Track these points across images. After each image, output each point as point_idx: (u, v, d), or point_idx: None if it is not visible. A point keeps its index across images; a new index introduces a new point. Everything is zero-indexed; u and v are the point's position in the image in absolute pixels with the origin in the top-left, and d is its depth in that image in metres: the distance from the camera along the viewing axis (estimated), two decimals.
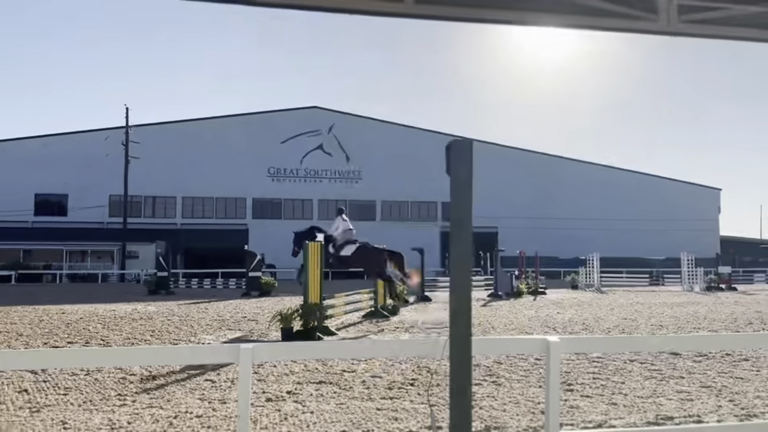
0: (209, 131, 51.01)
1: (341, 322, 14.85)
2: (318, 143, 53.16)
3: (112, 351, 6.45)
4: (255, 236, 49.18)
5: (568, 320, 15.76)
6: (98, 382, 7.58)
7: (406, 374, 8.04)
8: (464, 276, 4.21)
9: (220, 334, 12.73)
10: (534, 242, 44.85)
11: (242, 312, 17.91)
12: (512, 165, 53.76)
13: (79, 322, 14.87)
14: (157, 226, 49.10)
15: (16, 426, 5.76)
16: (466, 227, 4.23)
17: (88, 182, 47.81)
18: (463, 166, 4.21)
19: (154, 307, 19.57)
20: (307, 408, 6.34)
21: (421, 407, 6.37)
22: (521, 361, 8.98)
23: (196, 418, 5.94)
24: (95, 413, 6.13)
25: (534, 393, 7.03)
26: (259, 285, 27.05)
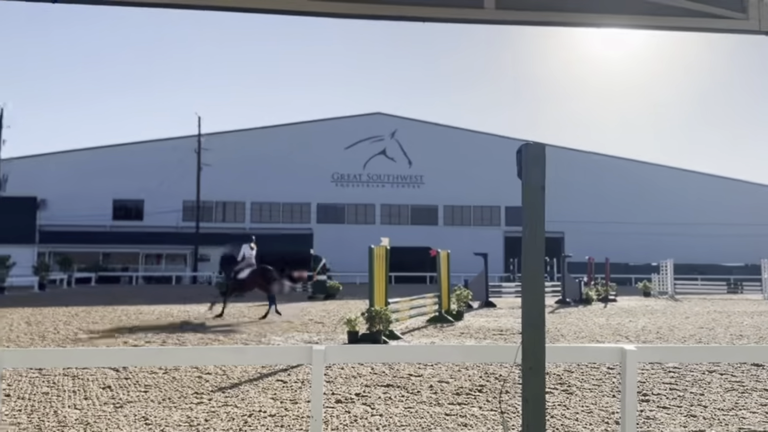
0: (276, 138, 52.32)
1: (406, 327, 14.89)
2: (381, 149, 53.58)
3: (189, 351, 6.73)
4: (319, 240, 50.01)
5: (641, 329, 15.23)
6: (176, 380, 7.91)
7: (474, 380, 7.99)
8: (537, 283, 4.17)
9: (288, 336, 13.02)
10: (602, 248, 43.57)
11: (309, 315, 18.25)
12: (580, 168, 52.40)
13: (156, 322, 15.54)
14: (227, 230, 50.72)
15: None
16: (539, 234, 4.18)
17: (163, 188, 49.93)
18: (536, 171, 4.17)
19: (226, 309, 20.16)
20: (376, 411, 6.41)
21: (490, 414, 6.32)
22: (593, 369, 8.76)
23: (269, 417, 6.11)
24: (174, 410, 6.40)
25: (607, 402, 6.85)
26: (324, 288, 27.47)
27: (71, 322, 15.51)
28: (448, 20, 3.05)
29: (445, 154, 52.79)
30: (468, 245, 39.73)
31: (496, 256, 46.81)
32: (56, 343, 11.70)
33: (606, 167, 54.15)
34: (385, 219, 52.89)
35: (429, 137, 53.49)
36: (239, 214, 52.33)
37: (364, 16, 3.10)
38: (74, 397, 6.98)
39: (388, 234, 18.11)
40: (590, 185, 52.68)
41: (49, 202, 49.60)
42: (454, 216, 53.82)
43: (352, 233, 50.16)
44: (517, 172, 4.28)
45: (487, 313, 19.90)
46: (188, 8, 3.31)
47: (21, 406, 6.54)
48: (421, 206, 53.43)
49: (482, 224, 53.41)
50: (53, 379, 7.95)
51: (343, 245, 48.14)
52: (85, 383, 7.71)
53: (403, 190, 53.52)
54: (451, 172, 52.68)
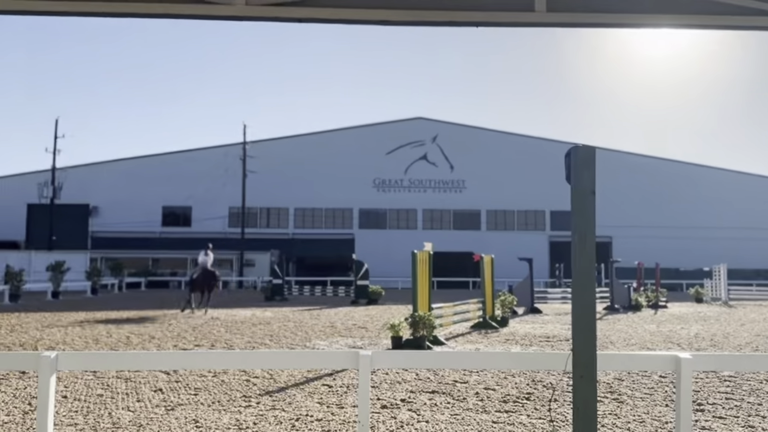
0: (318, 145, 52.90)
1: (449, 332, 14.80)
2: (422, 153, 53.54)
3: (237, 354, 6.85)
4: (361, 246, 50.24)
5: (694, 336, 14.75)
6: (224, 383, 8.05)
7: (521, 387, 7.88)
8: (588, 289, 4.08)
9: (332, 340, 13.11)
10: (651, 252, 42.41)
11: (352, 319, 18.33)
12: (627, 171, 51.14)
13: (204, 326, 15.87)
14: (271, 235, 51.58)
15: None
16: (589, 239, 4.09)
17: (209, 195, 51.10)
18: (586, 175, 4.08)
19: (271, 313, 20.49)
20: (422, 417, 6.38)
21: (538, 422, 6.21)
22: (644, 378, 8.52)
23: (316, 422, 6.15)
24: (223, 413, 6.51)
25: (660, 412, 6.65)
26: (366, 293, 27.56)
27: (123, 326, 15.98)
28: (499, 24, 3.03)
29: (488, 158, 52.36)
30: (512, 250, 39.27)
31: (541, 262, 46.10)
32: (109, 346, 12.06)
33: (655, 169, 52.76)
34: (427, 224, 52.77)
35: (470, 141, 53.16)
36: (283, 219, 53.08)
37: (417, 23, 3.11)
38: (127, 399, 7.17)
39: (430, 239, 18.04)
40: (638, 188, 51.38)
41: (101, 209, 51.38)
42: (497, 220, 53.28)
43: (393, 238, 50.27)
44: (565, 176, 4.20)
45: (532, 319, 19.60)
46: (227, 19, 3.36)
47: (77, 408, 6.76)
48: (463, 211, 53.11)
49: (526, 229, 52.72)
50: (107, 381, 8.19)
51: (384, 250, 48.28)
52: (138, 386, 7.92)
53: (445, 195, 53.30)
54: (493, 176, 52.20)
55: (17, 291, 25.33)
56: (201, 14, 3.10)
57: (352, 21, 3.05)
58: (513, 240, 49.99)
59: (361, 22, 3.08)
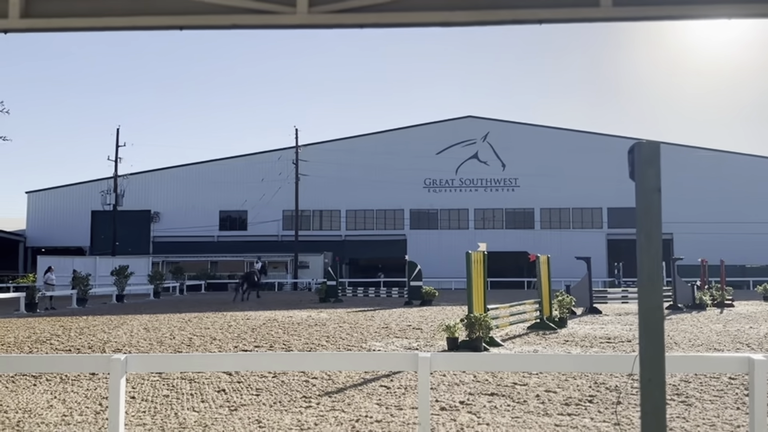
0: (368, 146, 53.16)
1: (506, 334, 14.62)
2: (473, 152, 53.04)
3: (297, 356, 6.96)
4: (413, 246, 50.20)
5: (764, 336, 14.09)
6: (285, 384, 8.19)
7: (583, 390, 7.70)
8: (655, 289, 3.94)
9: (388, 342, 13.15)
10: (715, 249, 40.79)
11: (406, 320, 18.33)
12: (688, 165, 49.19)
13: (262, 328, 16.19)
14: (324, 237, 52.18)
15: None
16: (655, 238, 3.95)
17: (264, 199, 52.12)
18: (651, 172, 3.95)
19: (326, 315, 20.72)
20: (482, 419, 6.32)
21: (603, 425, 6.06)
22: (712, 380, 8.20)
23: (376, 423, 6.18)
24: (285, 414, 6.62)
25: (731, 415, 6.38)
26: (420, 294, 27.49)
27: (185, 327, 16.46)
28: (564, 20, 2.96)
29: (540, 155, 51.39)
30: (568, 249, 38.51)
31: (599, 260, 44.93)
32: (173, 348, 12.44)
33: (716, 163, 50.65)
34: (479, 224, 52.26)
35: (522, 138, 52.32)
36: (335, 221, 53.61)
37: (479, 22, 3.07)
38: (192, 400, 7.38)
39: (483, 239, 17.84)
40: (700, 183, 49.39)
41: (161, 214, 53.15)
42: (552, 219, 52.23)
43: (445, 239, 50.00)
44: (629, 173, 4.08)
45: (592, 319, 19.14)
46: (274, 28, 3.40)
47: (145, 408, 7.01)
48: (516, 209, 52.33)
49: (582, 227, 51.49)
50: (172, 382, 8.45)
51: (436, 251, 48.08)
52: (201, 386, 8.14)
53: (497, 194, 52.64)
54: (546, 174, 51.18)
55: (84, 295, 26.43)
56: (265, 24, 3.16)
57: (414, 24, 3.04)
58: (569, 238, 48.94)
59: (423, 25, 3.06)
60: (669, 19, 2.91)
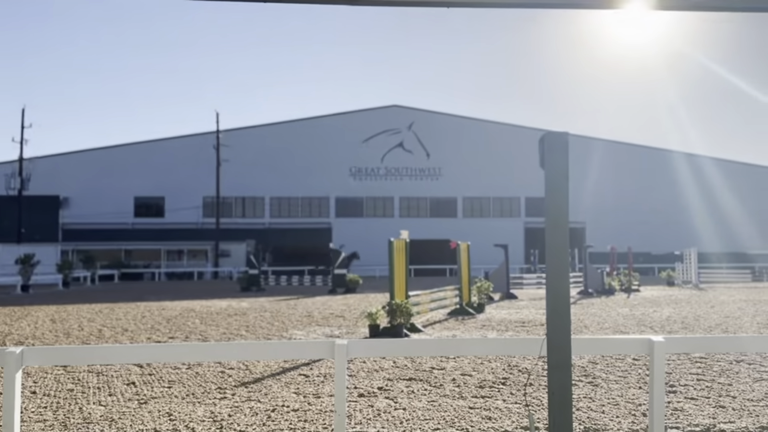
0: (294, 133, 52.45)
1: (427, 320, 14.85)
2: (398, 141, 53.42)
3: (212, 346, 6.75)
4: (338, 234, 50.11)
5: (666, 318, 15.02)
6: (199, 375, 7.95)
7: (497, 373, 7.93)
8: (562, 274, 4.08)
9: (309, 330, 13.05)
10: (624, 237, 43.05)
11: (329, 308, 18.28)
12: (599, 157, 51.62)
13: (179, 318, 15.69)
14: (247, 225, 51.11)
15: None
16: (562, 224, 4.09)
17: (183, 185, 50.41)
18: (559, 160, 4.07)
19: (247, 304, 20.34)
20: (399, 404, 6.38)
21: (514, 407, 6.25)
22: (618, 361, 8.64)
23: (293, 412, 6.11)
24: (198, 405, 6.43)
25: (634, 394, 6.74)
26: (344, 282, 27.51)
27: (95, 319, 15.71)
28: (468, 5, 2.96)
29: (463, 146, 52.47)
30: (488, 237, 39.51)
31: (517, 248, 46.49)
32: (81, 340, 11.84)
33: (626, 155, 53.41)
34: (404, 212, 52.81)
35: (446, 129, 53.18)
36: (258, 209, 52.64)
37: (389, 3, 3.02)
38: (99, 394, 7.05)
39: (407, 227, 18.04)
40: (611, 174, 51.92)
41: (71, 200, 50.36)
42: (474, 208, 53.52)
43: (371, 226, 50.19)
44: (539, 162, 4.19)
45: (508, 305, 19.77)
46: None
47: (47, 403, 6.62)
48: (440, 198, 53.23)
49: (502, 216, 53.06)
50: (78, 375, 8.03)
51: (362, 239, 48.18)
52: (110, 380, 7.78)
53: (422, 183, 53.33)
54: (469, 164, 52.36)
55: None
56: None
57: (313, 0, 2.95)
58: (489, 227, 50.30)
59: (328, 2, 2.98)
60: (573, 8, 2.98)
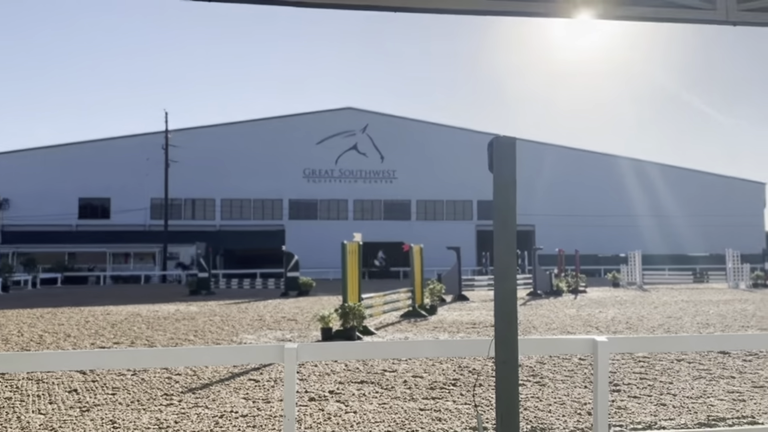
0: (246, 134, 51.75)
1: (380, 322, 14.87)
2: (352, 143, 53.38)
3: (158, 351, 6.58)
4: (291, 237, 49.70)
5: (611, 319, 15.46)
6: (145, 381, 7.74)
7: (448, 374, 8.00)
8: (509, 275, 4.15)
9: (260, 334, 12.88)
10: (572, 240, 44.19)
11: (281, 312, 18.09)
12: (549, 162, 52.93)
13: (124, 323, 15.24)
14: (197, 228, 50.11)
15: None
16: (510, 226, 4.16)
17: (129, 186, 49.06)
18: (507, 164, 4.15)
19: (196, 308, 19.93)
20: (350, 408, 6.36)
21: (464, 408, 6.32)
22: (565, 361, 8.84)
23: (241, 418, 6.01)
24: (143, 413, 6.26)
25: (580, 393, 6.91)
26: (297, 285, 27.28)
27: (36, 324, 15.11)
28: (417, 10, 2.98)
29: (417, 149, 52.84)
30: (441, 239, 39.88)
31: (469, 250, 47.15)
32: (20, 346, 11.37)
33: (575, 160, 54.83)
34: (358, 214, 52.79)
35: (400, 132, 53.46)
36: (209, 211, 51.67)
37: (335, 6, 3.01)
38: (38, 402, 6.78)
39: (361, 229, 18.02)
40: (560, 178, 53.26)
41: (12, 201, 48.33)
42: (427, 211, 53.94)
43: (324, 229, 49.96)
44: (488, 166, 4.25)
45: (460, 306, 19.99)
46: None
47: None
48: (393, 201, 53.43)
49: (455, 218, 53.65)
50: (16, 383, 7.71)
51: (315, 241, 47.90)
52: (51, 387, 7.50)
53: (376, 185, 53.43)
54: (423, 167, 52.77)
55: None
56: None
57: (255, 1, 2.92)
58: (442, 229, 50.77)
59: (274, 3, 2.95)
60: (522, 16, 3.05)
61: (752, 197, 56.64)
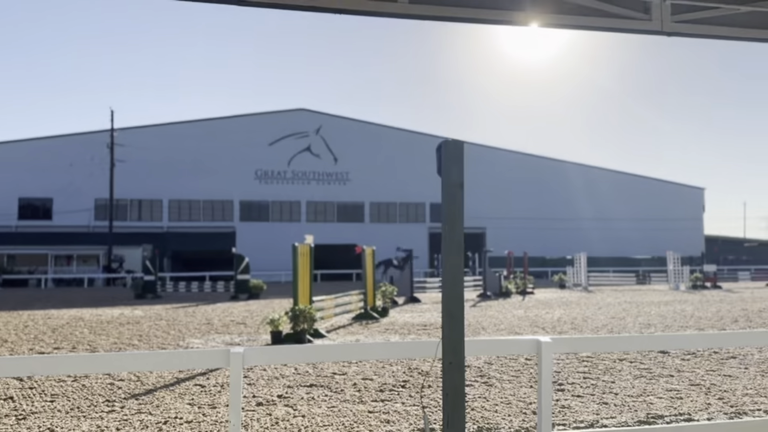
0: (196, 134, 50.73)
1: (331, 325, 14.80)
2: (306, 145, 53.01)
3: (99, 357, 6.37)
4: (242, 239, 48.98)
5: (557, 320, 15.83)
6: (86, 388, 7.49)
7: (398, 376, 8.02)
8: (456, 277, 4.19)
9: (208, 338, 12.64)
10: (521, 242, 45.07)
11: (231, 315, 17.80)
12: (500, 166, 53.92)
13: (66, 327, 14.71)
14: (143, 229, 48.79)
15: None
16: (458, 229, 4.21)
17: (73, 186, 47.39)
18: (455, 168, 4.20)
19: (141, 311, 19.41)
20: (298, 412, 6.30)
21: (413, 409, 6.35)
22: (512, 361, 8.99)
23: (186, 424, 5.88)
24: (83, 420, 6.05)
25: (525, 393, 7.04)
26: (247, 288, 26.89)
27: None
28: (362, 13, 2.99)
29: (371, 151, 52.91)
30: (394, 242, 40.07)
31: (421, 252, 47.48)
32: None
33: (524, 164, 55.97)
34: (311, 216, 52.45)
35: (354, 134, 53.43)
36: (156, 212, 50.39)
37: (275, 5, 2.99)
38: None
39: (314, 231, 17.93)
40: (510, 182, 54.27)
41: None
42: (380, 213, 54.05)
43: (276, 231, 49.44)
44: (437, 169, 4.30)
45: (411, 308, 20.10)
46: None
47: None
48: (347, 203, 53.33)
49: (408, 221, 53.94)
50: None
51: (267, 243, 47.35)
52: None
53: (329, 187, 53.22)
54: (376, 169, 52.86)
55: None
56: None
57: None
58: (395, 232, 50.98)
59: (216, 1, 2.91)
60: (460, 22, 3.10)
61: (692, 202, 59.05)
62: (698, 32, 3.64)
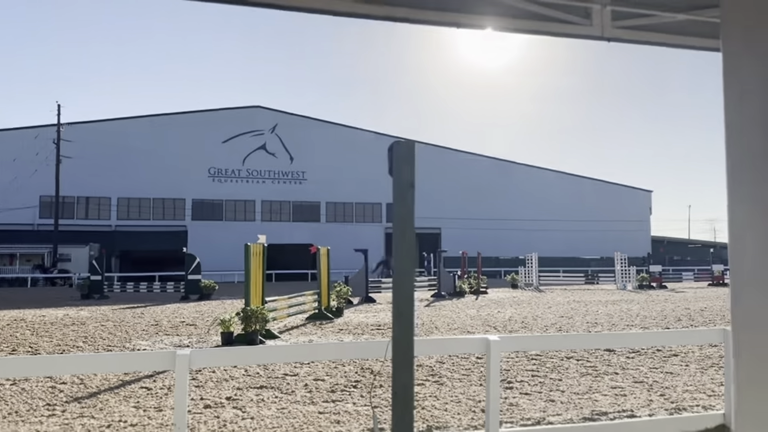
0: (146, 129, 49.52)
1: (284, 325, 14.66)
2: (261, 143, 52.39)
3: (40, 359, 6.13)
4: (194, 238, 48.06)
5: (508, 319, 16.08)
6: (25, 391, 7.21)
7: (350, 376, 8.00)
8: (407, 277, 4.20)
9: (156, 340, 12.35)
10: (475, 243, 45.64)
11: (180, 316, 17.43)
12: (454, 167, 54.50)
13: (6, 329, 14.14)
14: (90, 228, 47.31)
15: None
16: (409, 229, 4.22)
17: (16, 182, 45.56)
18: (406, 168, 4.20)
19: (87, 312, 18.82)
20: (247, 414, 6.21)
21: (363, 409, 6.34)
22: (463, 360, 9.09)
23: (130, 427, 5.72)
24: (21, 425, 5.82)
25: (475, 391, 7.12)
26: (198, 288, 26.38)
27: None
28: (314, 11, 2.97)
29: (327, 151, 52.66)
30: (349, 242, 40.01)
31: (377, 252, 47.52)
32: None
33: (479, 166, 56.73)
34: (266, 216, 51.87)
35: (310, 133, 53.08)
36: (104, 210, 48.95)
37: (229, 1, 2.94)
38: None
39: (269, 231, 17.75)
40: (464, 183, 54.90)
41: None
42: (336, 212, 53.89)
43: (230, 230, 48.71)
44: (388, 170, 4.30)
45: (366, 308, 20.10)
46: None
47: None
48: (303, 203, 52.95)
49: (364, 221, 53.94)
50: None
51: (220, 243, 46.61)
52: None
53: (285, 186, 52.74)
54: (333, 169, 52.65)
55: None
56: None
57: None
58: (351, 232, 50.92)
59: None
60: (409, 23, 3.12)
61: (640, 204, 60.96)
62: (638, 38, 3.77)
